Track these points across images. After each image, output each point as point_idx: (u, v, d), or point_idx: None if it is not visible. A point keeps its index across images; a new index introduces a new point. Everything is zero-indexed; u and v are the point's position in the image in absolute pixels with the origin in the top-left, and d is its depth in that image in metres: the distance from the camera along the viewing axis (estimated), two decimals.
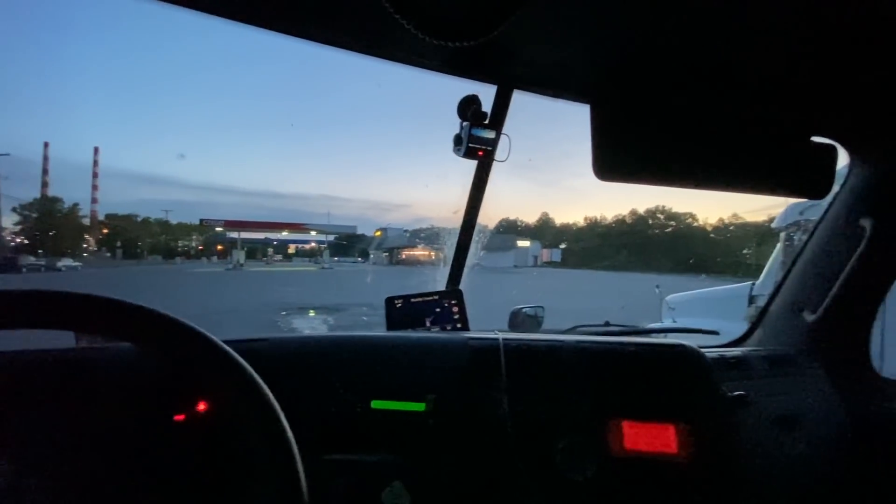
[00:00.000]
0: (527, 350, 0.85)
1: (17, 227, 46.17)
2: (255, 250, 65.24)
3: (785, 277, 1.28)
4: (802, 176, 1.01)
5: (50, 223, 46.24)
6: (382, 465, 0.75)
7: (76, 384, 0.75)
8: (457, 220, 1.27)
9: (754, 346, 1.22)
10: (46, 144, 60.67)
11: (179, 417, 0.74)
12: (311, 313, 10.17)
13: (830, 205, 1.17)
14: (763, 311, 1.32)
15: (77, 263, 35.28)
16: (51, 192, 54.66)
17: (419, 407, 0.79)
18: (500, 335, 0.87)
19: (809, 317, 1.15)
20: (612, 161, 0.91)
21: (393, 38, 0.82)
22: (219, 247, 62.15)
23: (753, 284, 3.95)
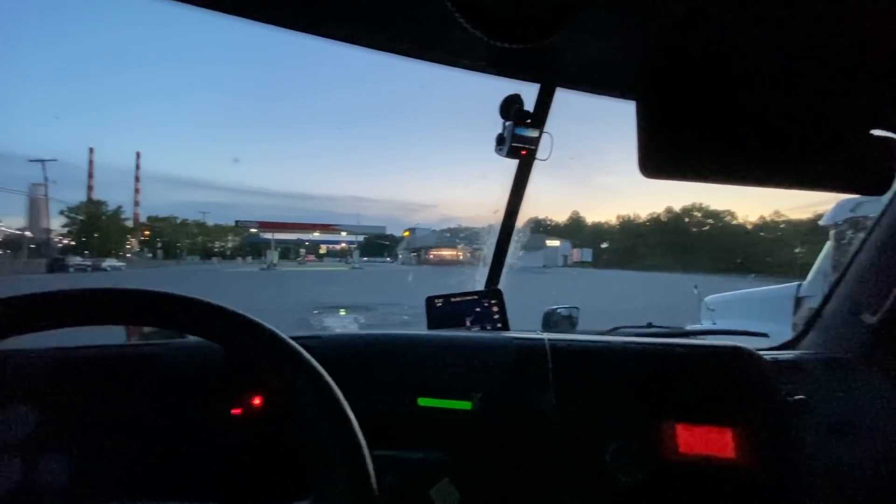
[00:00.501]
0: (574, 351, 0.84)
1: (65, 229, 49.15)
2: (287, 250, 67.23)
3: (841, 277, 1.22)
4: (861, 171, 0.96)
5: (95, 225, 48.88)
6: (430, 462, 0.76)
7: (139, 379, 0.80)
8: (484, 220, 1.27)
9: (809, 350, 1.17)
10: (91, 150, 64.40)
11: (237, 411, 0.78)
12: (342, 312, 10.38)
13: (891, 201, 1.11)
14: (817, 313, 1.26)
15: (121, 263, 37.27)
16: (96, 196, 57.98)
17: (465, 405, 0.80)
18: (546, 335, 0.87)
19: (869, 319, 1.09)
20: (660, 157, 0.90)
21: (439, 41, 0.84)
22: (253, 247, 64.35)
23: (800, 285, 3.76)
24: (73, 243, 47.52)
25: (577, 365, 0.83)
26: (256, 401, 0.78)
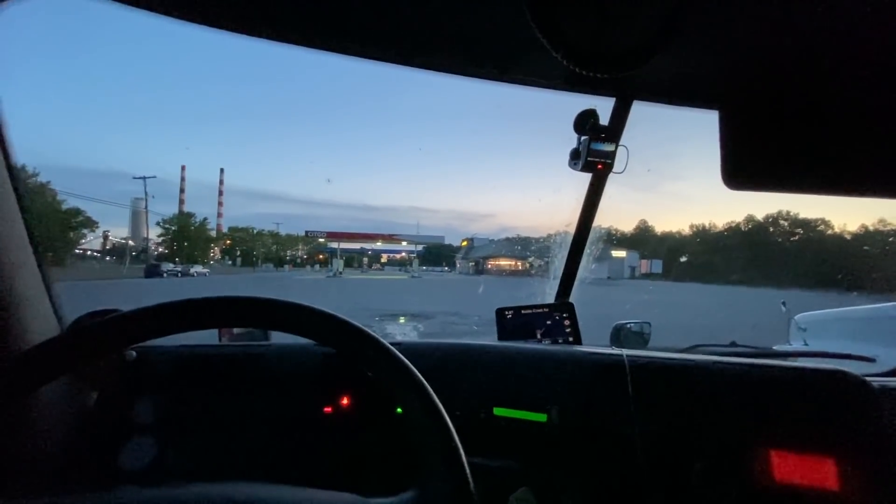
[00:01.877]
0: (655, 368, 0.82)
1: (160, 239, 54.86)
2: (351, 259, 70.10)
3: None
4: None
5: (185, 235, 54.08)
6: (508, 471, 0.78)
7: (246, 376, 0.89)
8: (542, 230, 1.27)
9: None
10: (183, 167, 71.81)
11: (328, 410, 0.85)
12: (402, 320, 10.62)
13: None
14: None
15: (206, 270, 40.98)
16: (186, 209, 64.39)
17: (541, 417, 0.81)
18: (624, 352, 0.86)
19: None
20: (746, 168, 0.86)
21: (517, 63, 0.87)
22: (320, 256, 67.85)
23: None
24: (166, 251, 52.92)
25: (659, 383, 0.81)
26: (345, 401, 0.84)
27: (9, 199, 0.69)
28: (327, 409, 0.85)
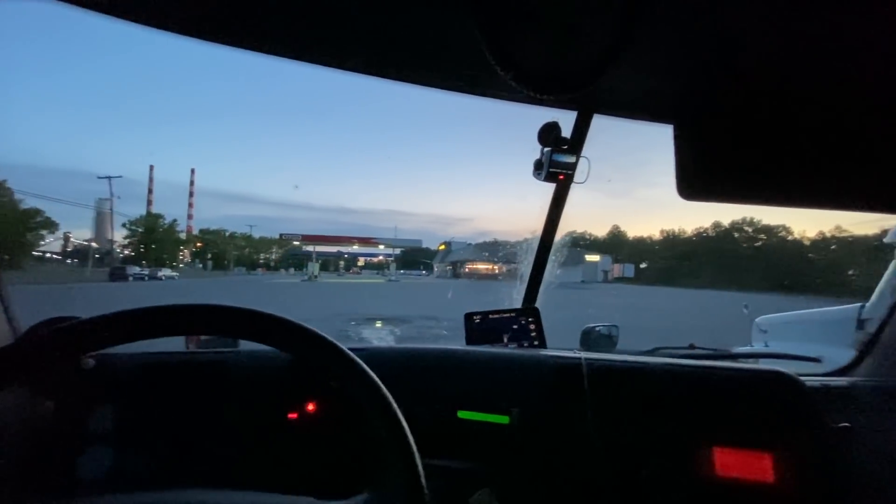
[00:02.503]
0: (611, 371, 0.86)
1: (126, 241, 52.75)
2: (328, 263, 69.10)
3: None
4: None
5: (152, 237, 52.11)
6: (470, 472, 0.80)
7: (209, 383, 0.89)
8: (518, 234, 1.30)
9: (864, 377, 1.12)
10: (152, 167, 69.24)
11: (293, 416, 0.85)
12: (378, 324, 10.54)
13: None
14: (874, 338, 1.20)
15: (175, 274, 39.52)
16: (154, 210, 62.10)
17: (503, 419, 0.83)
18: (583, 355, 0.89)
19: None
20: (699, 180, 0.90)
21: (482, 78, 0.90)
22: (295, 259, 66.63)
23: (863, 306, 3.50)
24: (132, 254, 50.89)
25: (615, 385, 0.84)
26: (310, 407, 0.85)
27: None
28: (292, 415, 0.85)
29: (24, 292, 0.79)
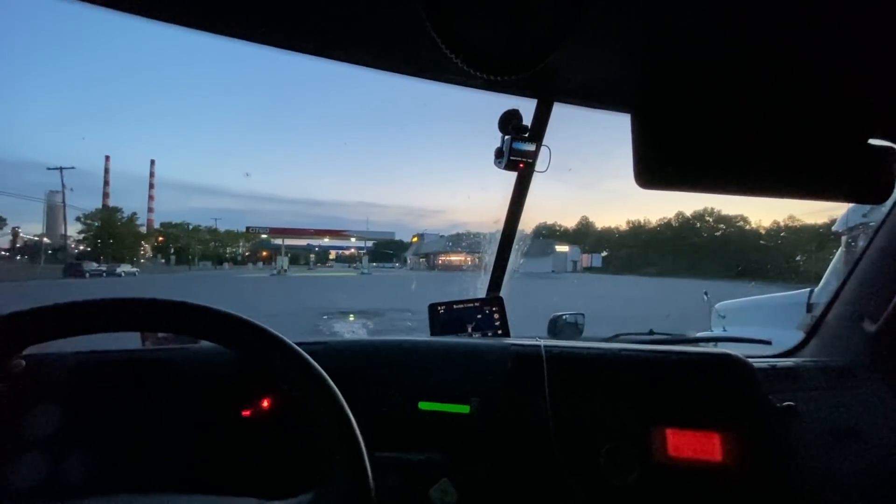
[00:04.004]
0: (568, 357, 0.87)
1: (81, 236, 49.93)
2: (297, 256, 67.73)
3: (843, 284, 1.22)
4: (860, 180, 0.97)
5: (110, 231, 49.52)
6: (430, 464, 0.79)
7: (156, 381, 0.84)
8: (493, 226, 1.30)
9: (809, 357, 1.17)
10: (108, 158, 65.79)
11: (246, 413, 0.82)
12: (351, 317, 10.45)
13: (892, 209, 1.11)
14: (819, 320, 1.26)
15: (135, 269, 37.66)
16: (111, 203, 59.03)
17: (464, 409, 0.83)
18: (542, 342, 0.89)
19: (870, 326, 1.09)
20: (656, 169, 0.92)
21: (437, 63, 0.87)
22: (263, 253, 64.97)
23: (812, 291, 3.71)
24: (88, 249, 48.30)
25: (572, 371, 0.85)
26: (265, 403, 0.81)
27: None
28: (246, 413, 0.81)
29: None
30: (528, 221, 1.35)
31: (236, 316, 0.47)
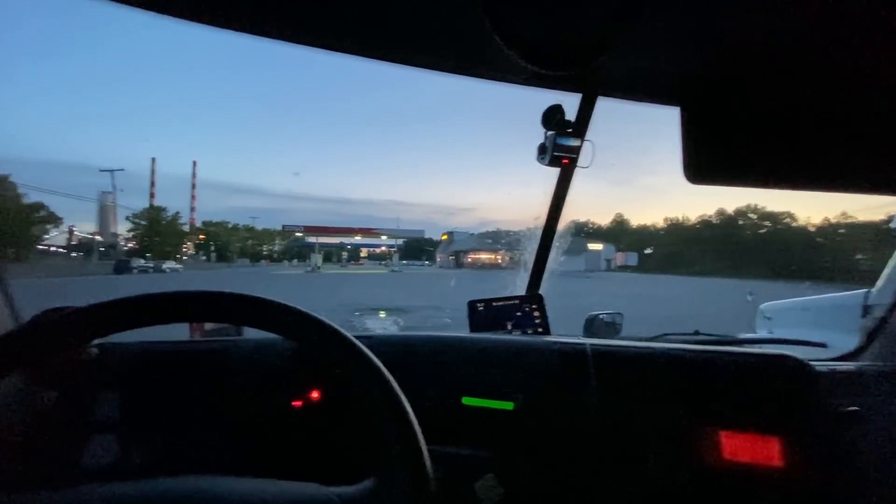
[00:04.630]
0: (616, 357, 0.85)
1: (130, 234, 52.84)
2: (330, 254, 69.26)
3: None
4: None
5: (156, 230, 52.15)
6: (474, 459, 0.80)
7: (212, 372, 0.89)
8: (523, 223, 1.29)
9: (871, 361, 1.11)
10: (154, 160, 69.12)
11: (297, 403, 0.85)
12: (382, 314, 10.58)
13: None
14: (881, 323, 1.19)
15: (179, 266, 39.59)
16: (157, 202, 62.08)
17: (507, 406, 0.83)
18: (587, 341, 0.89)
19: None
20: (706, 163, 0.89)
21: (483, 59, 0.88)
22: (298, 250, 66.78)
23: (869, 292, 3.48)
24: (136, 246, 51.05)
25: (619, 371, 0.84)
26: (315, 394, 0.85)
27: None
28: (297, 403, 0.85)
29: (29, 285, 0.79)
30: (561, 219, 1.33)
31: (301, 310, 0.49)
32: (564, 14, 0.64)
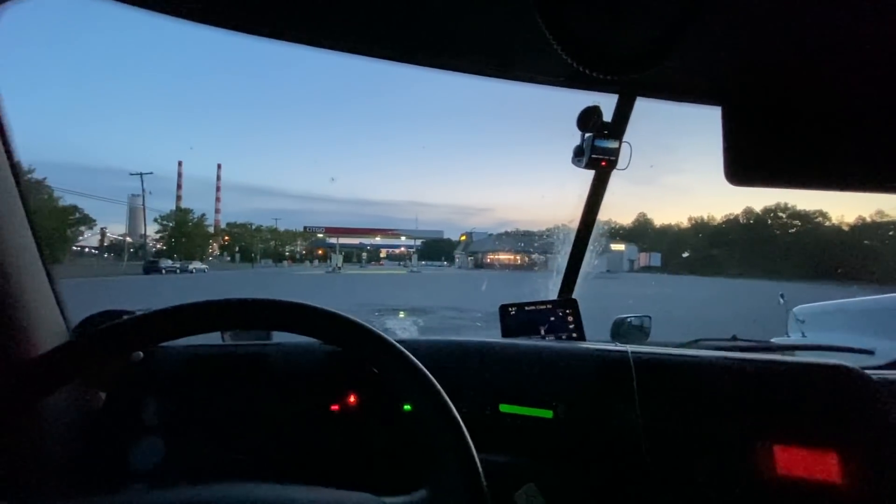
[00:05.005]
0: (659, 364, 0.83)
1: (158, 235, 54.62)
2: (350, 254, 70.09)
3: None
4: None
5: (183, 231, 53.77)
6: (513, 467, 0.79)
7: (247, 376, 0.90)
8: (542, 223, 1.27)
9: None
10: (180, 163, 71.42)
11: (335, 407, 0.86)
12: (402, 314, 10.64)
13: None
14: None
15: (204, 266, 40.73)
16: (183, 205, 63.98)
17: (547, 414, 0.81)
18: (628, 348, 0.86)
19: None
20: (750, 165, 0.86)
21: (520, 61, 0.87)
22: (319, 251, 67.79)
23: None
24: (164, 247, 52.71)
25: (663, 379, 0.81)
26: (352, 399, 0.85)
27: (14, 202, 0.69)
28: (334, 407, 0.85)
29: (68, 285, 0.82)
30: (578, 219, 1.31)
31: (350, 318, 0.50)
32: (622, 14, 0.63)
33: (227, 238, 65.42)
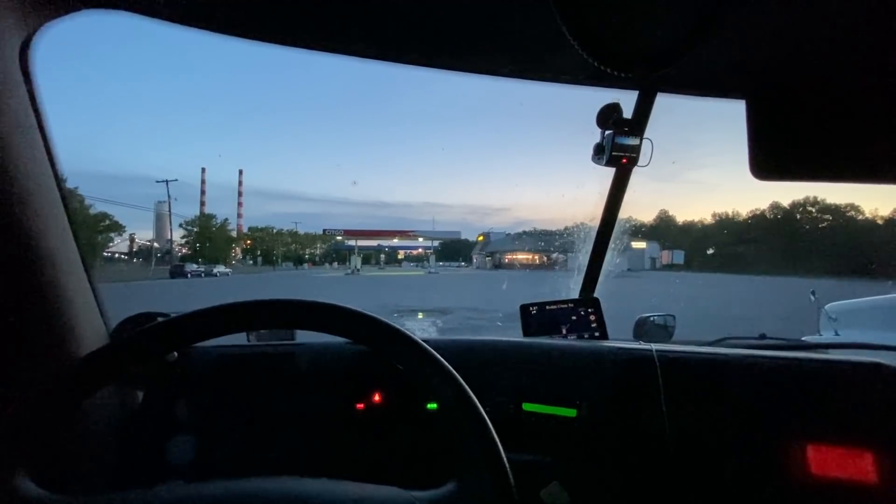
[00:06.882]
0: (685, 363, 0.82)
1: (183, 240, 56.23)
2: (369, 256, 70.68)
3: None
4: None
5: (207, 236, 55.22)
6: (538, 465, 0.79)
7: (280, 375, 0.92)
8: (558, 223, 1.26)
9: None
10: (204, 169, 73.22)
11: (360, 406, 0.87)
12: (421, 315, 10.67)
13: None
14: None
15: (228, 270, 41.78)
16: (207, 210, 65.64)
17: (570, 412, 0.81)
18: (653, 346, 0.86)
19: None
20: (776, 159, 0.84)
21: (540, 61, 0.86)
22: (338, 253, 68.57)
23: None
24: (189, 252, 54.20)
25: (689, 378, 0.80)
26: (377, 397, 0.87)
27: (59, 211, 0.72)
28: (360, 406, 0.87)
29: (103, 290, 0.86)
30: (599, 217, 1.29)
31: (386, 323, 0.51)
32: (642, 12, 0.62)
33: (249, 242, 66.81)
